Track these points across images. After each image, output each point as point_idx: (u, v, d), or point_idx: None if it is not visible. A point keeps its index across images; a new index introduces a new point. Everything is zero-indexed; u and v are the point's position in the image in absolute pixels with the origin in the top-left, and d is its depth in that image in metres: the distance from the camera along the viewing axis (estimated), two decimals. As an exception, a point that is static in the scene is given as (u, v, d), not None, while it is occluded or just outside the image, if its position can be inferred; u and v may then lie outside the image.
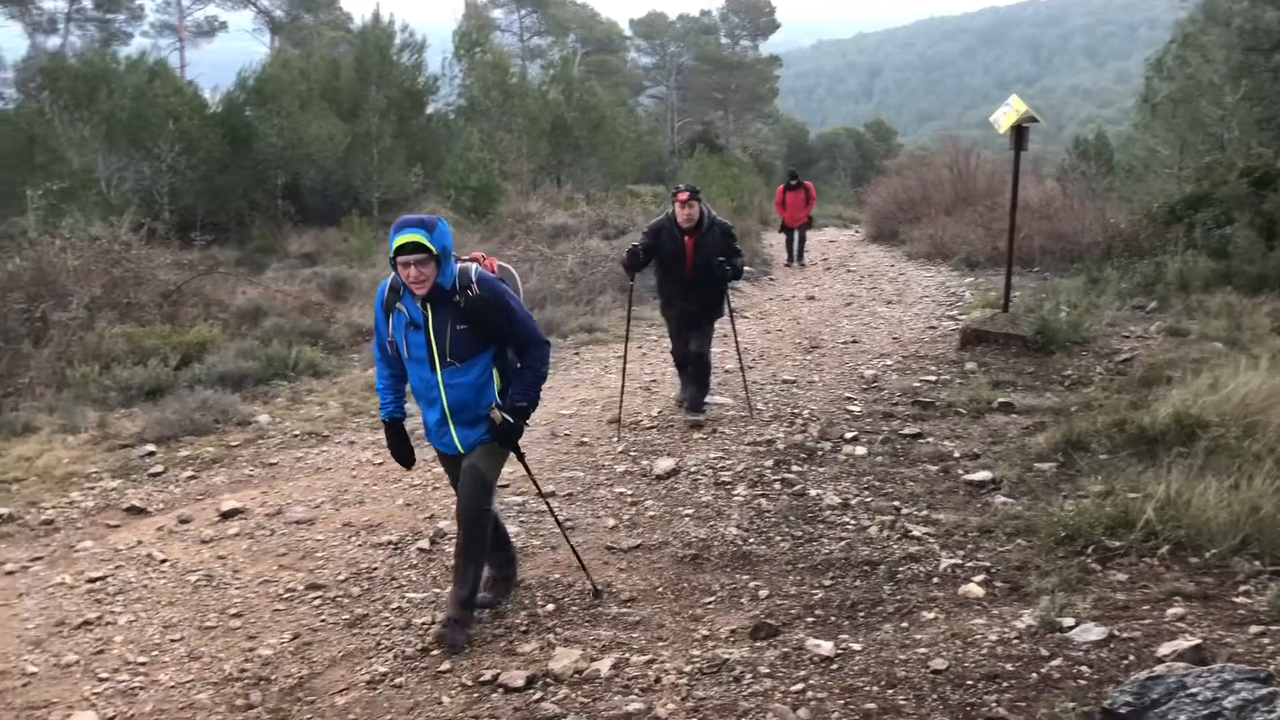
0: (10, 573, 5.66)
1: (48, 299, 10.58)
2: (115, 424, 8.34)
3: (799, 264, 18.95)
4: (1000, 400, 7.97)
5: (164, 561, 5.69)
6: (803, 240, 19.39)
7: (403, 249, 4.19)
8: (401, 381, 4.74)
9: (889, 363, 9.91)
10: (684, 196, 7.69)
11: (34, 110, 21.31)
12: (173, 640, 4.76)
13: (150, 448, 7.75)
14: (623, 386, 8.30)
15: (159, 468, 7.39)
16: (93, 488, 7.02)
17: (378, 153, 23.93)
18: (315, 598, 5.16)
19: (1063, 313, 10.13)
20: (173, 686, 4.33)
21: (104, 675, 4.44)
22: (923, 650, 4.10)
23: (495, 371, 4.58)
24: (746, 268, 17.29)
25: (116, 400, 8.85)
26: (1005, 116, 10.11)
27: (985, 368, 9.21)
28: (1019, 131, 10.04)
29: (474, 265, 4.53)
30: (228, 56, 28.77)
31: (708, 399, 8.39)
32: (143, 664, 4.54)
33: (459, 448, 4.63)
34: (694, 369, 8.11)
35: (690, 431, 7.81)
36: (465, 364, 4.46)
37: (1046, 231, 16.20)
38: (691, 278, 7.79)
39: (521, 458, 4.80)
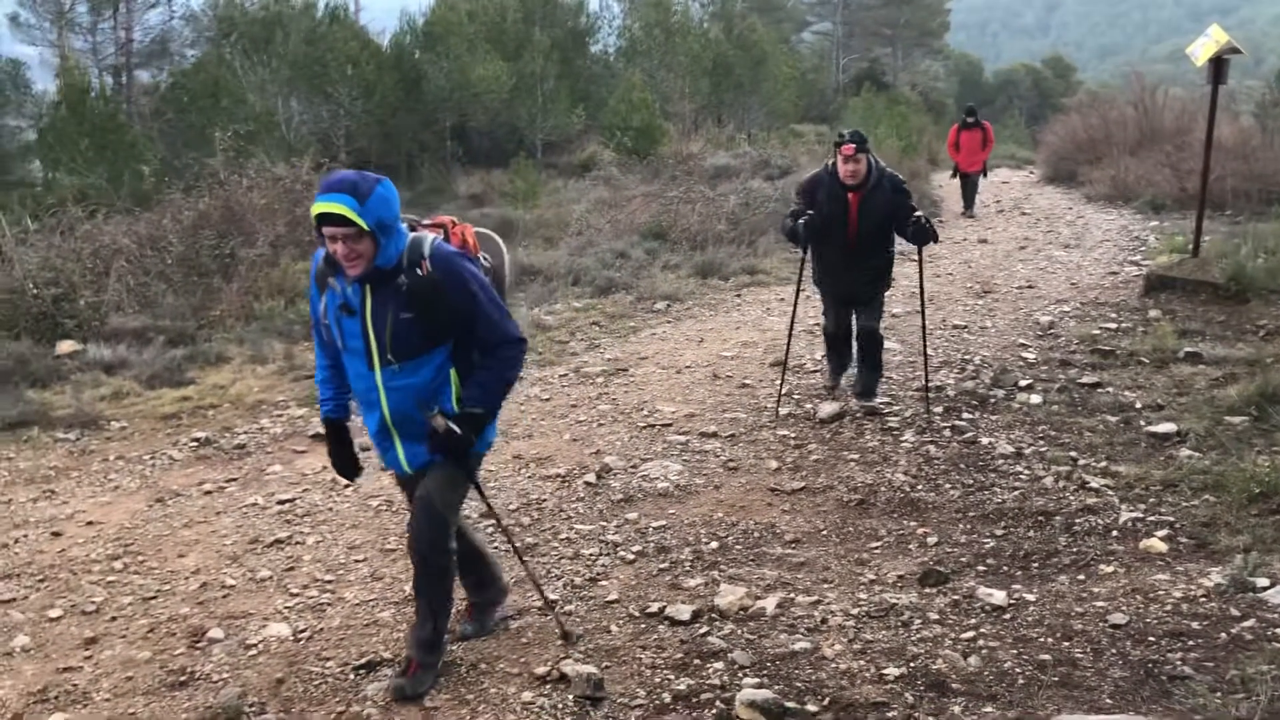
0: (209, 492, 6.05)
1: (236, 236, 11.13)
2: (300, 355, 8.76)
3: (968, 213, 17.18)
4: (1187, 350, 7.56)
5: (347, 486, 5.97)
6: (974, 189, 17.41)
7: (324, 219, 3.28)
8: (342, 374, 3.81)
9: (1066, 309, 9.52)
10: (849, 149, 6.36)
11: (215, 57, 22.34)
12: (356, 561, 5.02)
13: (334, 378, 8.12)
14: (786, 360, 7.46)
15: (341, 398, 7.74)
16: (280, 415, 7.42)
17: (542, 94, 24.18)
18: (488, 526, 5.33)
19: (1259, 259, 9.49)
20: (357, 604, 4.56)
21: (294, 590, 4.72)
22: (1101, 604, 3.97)
23: (453, 374, 3.63)
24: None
25: (300, 333, 9.28)
26: (1205, 48, 9.46)
27: (1171, 315, 8.74)
28: (1218, 64, 9.40)
29: (429, 236, 3.55)
30: (402, 2, 29.44)
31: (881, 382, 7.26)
32: (329, 582, 4.81)
33: (405, 468, 3.79)
34: (862, 346, 6.97)
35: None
36: (411, 363, 3.54)
37: (1241, 172, 15.17)
38: (856, 245, 6.57)
39: (477, 485, 3.84)
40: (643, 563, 4.81)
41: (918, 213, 6.31)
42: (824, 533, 5.07)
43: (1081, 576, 4.30)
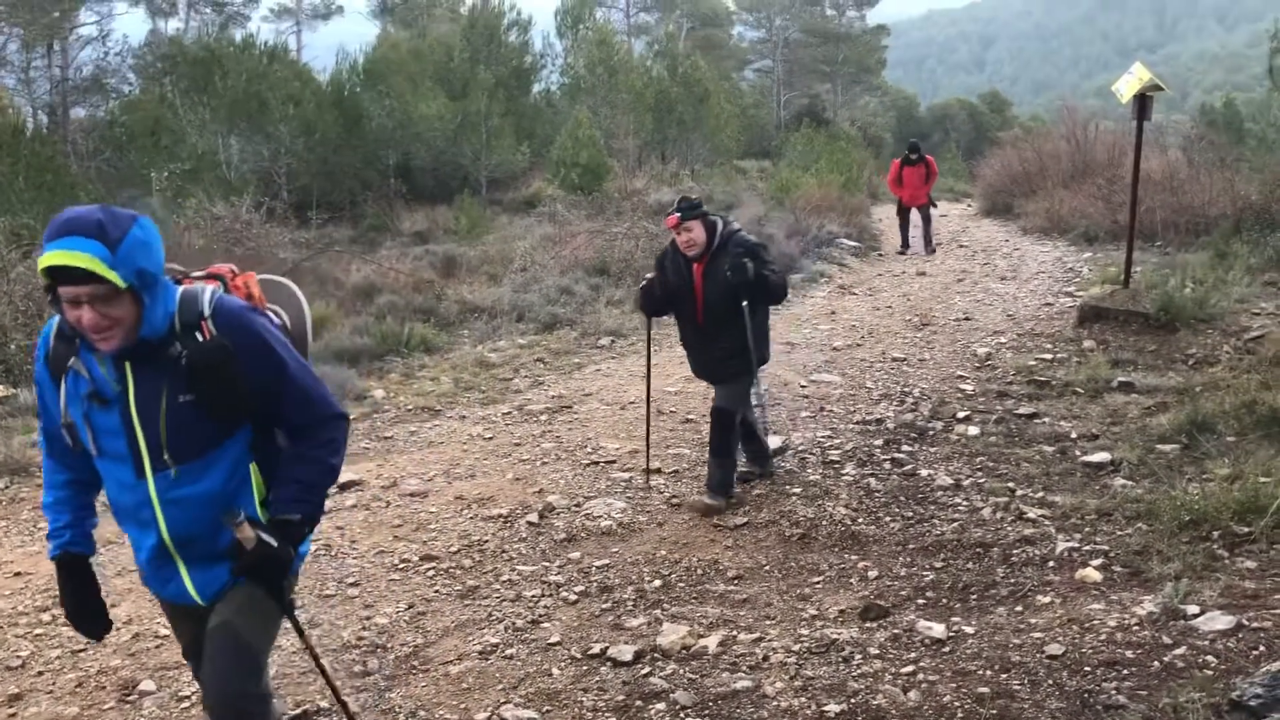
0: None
1: (174, 276, 10.98)
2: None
3: (928, 250, 16.62)
4: (1120, 379, 7.71)
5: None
6: (927, 223, 16.92)
7: (59, 275, 2.38)
8: (85, 490, 2.87)
9: (1003, 340, 9.68)
10: (672, 220, 5.81)
11: (157, 95, 22.13)
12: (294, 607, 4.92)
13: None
14: (648, 431, 6.80)
15: (279, 440, 7.62)
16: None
17: (486, 131, 24.23)
18: (429, 568, 5.28)
19: (1188, 288, 9.73)
20: (294, 652, 4.47)
21: (230, 639, 4.62)
22: (1038, 635, 4.01)
23: (254, 469, 2.76)
24: (852, 242, 17.14)
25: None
26: (1129, 85, 9.73)
27: (1104, 346, 8.92)
28: (1142, 100, 9.67)
29: (207, 289, 2.66)
30: (342, 39, 29.40)
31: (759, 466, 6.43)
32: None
33: (195, 598, 2.82)
34: (711, 428, 6.02)
35: (798, 410, 7.75)
36: (198, 464, 2.64)
37: (1170, 204, 15.55)
38: (705, 320, 5.91)
39: (292, 616, 2.92)
40: (585, 603, 4.78)
41: (745, 260, 5.63)
42: (766, 568, 5.08)
43: (1019, 608, 4.35)
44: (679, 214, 5.77)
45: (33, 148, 17.41)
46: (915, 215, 17.02)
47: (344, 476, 6.63)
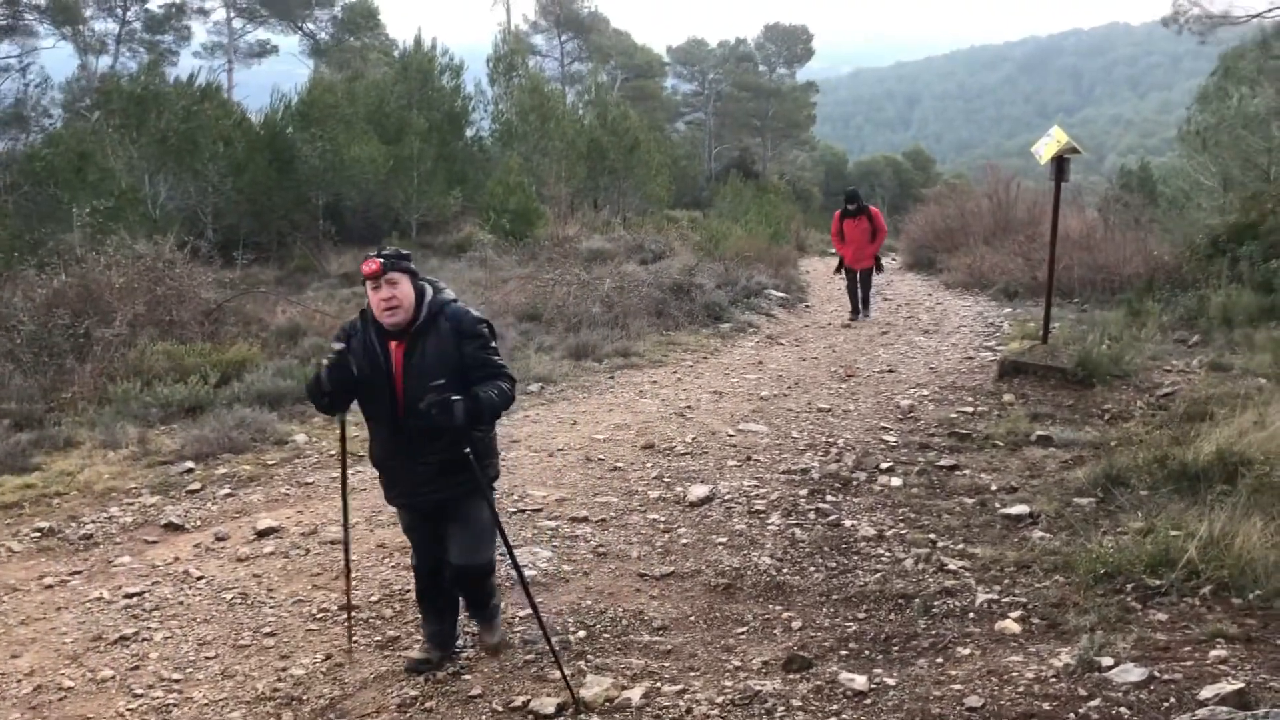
0: (49, 586, 5.73)
1: (92, 315, 10.72)
2: (155, 440, 8.43)
3: (864, 315, 15.12)
4: (1039, 433, 7.88)
5: (200, 579, 5.74)
6: (866, 286, 15.18)
7: None
8: None
9: (925, 393, 9.84)
10: (373, 266, 4.20)
11: (83, 130, 21.71)
12: (207, 658, 4.80)
13: (189, 465, 7.83)
14: (348, 565, 4.93)
15: (197, 485, 7.46)
16: (132, 503, 7.09)
17: (418, 175, 24.14)
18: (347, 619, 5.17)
19: (1103, 345, 10.01)
20: (206, 704, 4.35)
21: (139, 691, 4.48)
22: (958, 687, 4.05)
23: None
24: (780, 293, 17.32)
25: (157, 417, 8.94)
26: (1047, 147, 10.05)
27: (1023, 400, 9.12)
28: (1060, 162, 9.99)
29: None
30: (274, 79, 29.19)
31: None
32: (177, 681, 4.58)
33: None
34: (463, 593, 4.73)
35: (725, 459, 7.78)
36: None
37: (1087, 263, 16.05)
38: (405, 415, 4.30)
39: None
40: (508, 654, 4.72)
41: (448, 396, 4.09)
42: (691, 619, 5.06)
43: (940, 659, 4.39)
44: (381, 260, 4.20)
45: (-54, 180, 16.94)
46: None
47: (262, 523, 6.50)
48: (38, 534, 6.51)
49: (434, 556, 4.56)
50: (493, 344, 4.41)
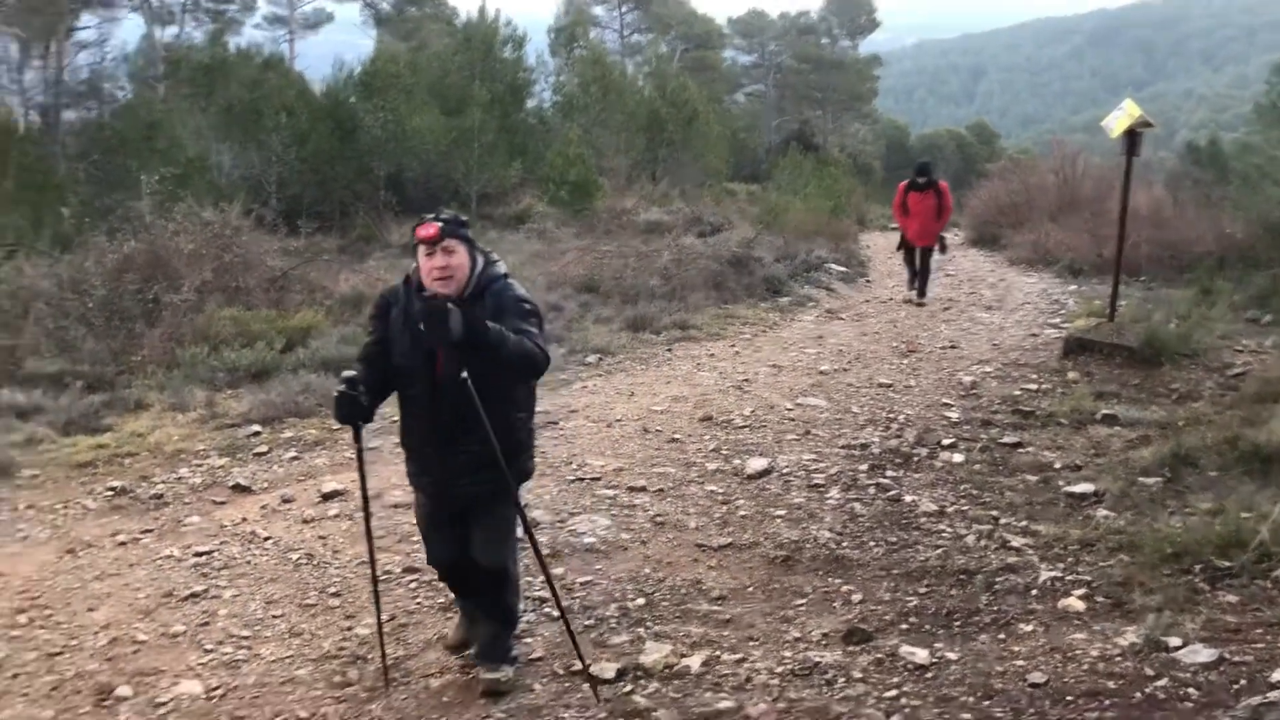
0: (123, 543, 5.88)
1: (161, 281, 10.92)
2: (222, 404, 8.59)
3: (918, 298, 14.17)
4: (1104, 412, 7.76)
5: (267, 539, 5.85)
6: (926, 267, 14.17)
7: None
8: None
9: (988, 369, 9.72)
10: (430, 230, 3.80)
11: (152, 100, 22.11)
12: (274, 616, 4.90)
13: (255, 428, 7.97)
14: (376, 588, 4.32)
15: (263, 448, 7.60)
16: (200, 465, 7.25)
17: (479, 147, 24.21)
18: (411, 580, 5.25)
19: (1172, 324, 9.81)
20: (274, 661, 4.45)
21: (209, 646, 4.59)
22: (1020, 663, 4.02)
23: None
24: (840, 268, 17.17)
25: (224, 381, 9.11)
26: (1118, 121, 9.84)
27: (1088, 378, 8.97)
28: (1132, 136, 9.77)
29: None
30: (334, 49, 29.35)
31: None
32: (245, 638, 4.68)
33: None
34: (482, 604, 4.29)
35: (784, 433, 7.75)
36: None
37: (1156, 240, 15.71)
38: (443, 407, 3.90)
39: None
40: (568, 619, 4.76)
41: (448, 306, 3.66)
42: (750, 589, 5.07)
43: (1002, 635, 4.36)
44: (440, 224, 3.82)
45: (22, 148, 17.34)
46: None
47: (327, 486, 6.61)
48: (111, 492, 6.68)
49: (449, 553, 4.18)
50: (533, 319, 3.90)
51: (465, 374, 3.73)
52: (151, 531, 6.05)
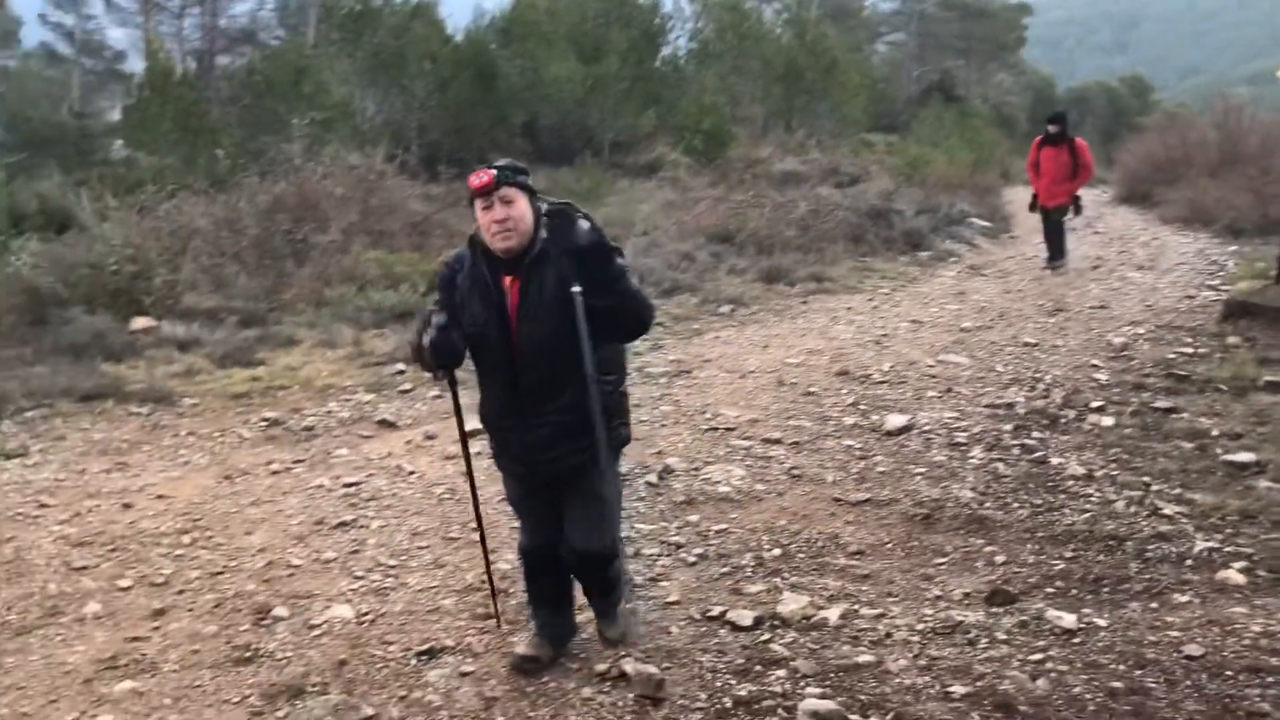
0: (276, 472, 6.14)
1: (309, 222, 11.30)
2: (368, 342, 8.86)
3: (1054, 265, 13.06)
4: (1267, 378, 7.35)
5: (412, 473, 6.04)
6: (1060, 231, 13.04)
7: None
8: None
9: (1140, 331, 9.32)
10: (485, 179, 3.41)
11: (302, 44, 22.71)
12: (420, 547, 5.06)
13: (400, 367, 8.20)
14: (486, 555, 4.23)
15: (407, 386, 7.81)
16: (348, 399, 7.50)
17: (614, 95, 24.18)
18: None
19: (1345, 289, 9.23)
20: (420, 590, 4.60)
21: (359, 573, 4.77)
22: (1175, 634, 3.88)
23: None
24: (983, 223, 16.64)
25: (369, 320, 9.39)
26: (1295, 70, 9.23)
27: (1250, 343, 8.51)
28: (1310, 87, 9.15)
29: None
30: (475, -1, 29.61)
31: None
32: (393, 567, 4.85)
33: None
34: (581, 578, 4.00)
35: (924, 390, 7.59)
36: None
37: (1328, 199, 14.78)
38: (523, 371, 3.56)
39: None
40: (703, 566, 4.79)
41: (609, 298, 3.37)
42: (888, 546, 5.00)
43: (1154, 604, 4.20)
44: (495, 172, 3.43)
45: (180, 92, 18.05)
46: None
47: (469, 424, 6.74)
48: (265, 423, 6.98)
49: (546, 535, 3.82)
50: (621, 261, 3.41)
51: (577, 288, 3.36)
52: (303, 462, 6.30)
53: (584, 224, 3.38)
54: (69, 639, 4.20)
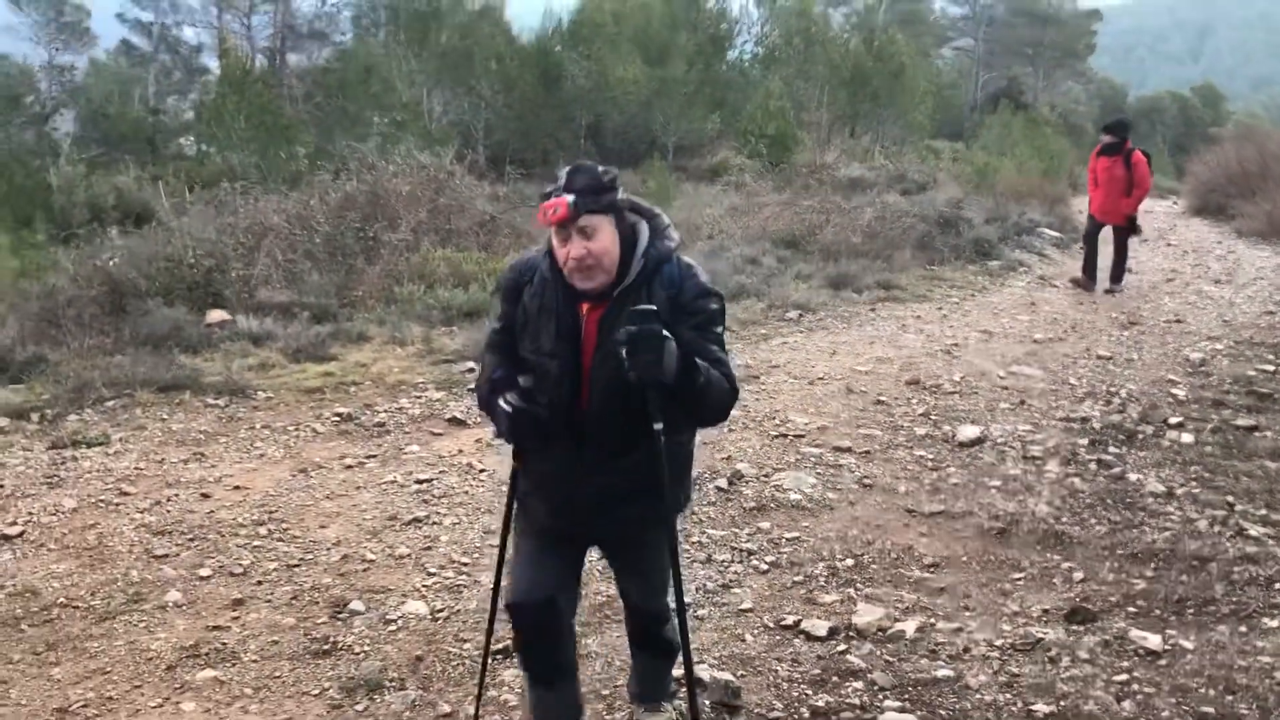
0: (349, 466, 6.21)
1: (379, 220, 11.42)
2: (437, 340, 8.93)
3: (1111, 286, 12.09)
4: (1354, 399, 7.18)
5: (482, 471, 6.07)
6: (1121, 252, 12.12)
7: None
8: None
9: (1218, 347, 9.12)
10: (561, 211, 2.71)
11: (372, 44, 23.04)
12: (492, 546, 4.90)
13: (469, 365, 8.24)
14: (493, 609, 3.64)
15: (476, 385, 7.85)
16: (419, 396, 7.57)
17: (680, 98, 24.21)
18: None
19: None
20: (492, 589, 4.61)
21: (432, 570, 4.80)
22: (1267, 659, 3.79)
23: None
24: (1053, 233, 16.35)
25: (438, 318, 9.46)
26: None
27: (1335, 362, 8.31)
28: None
29: None
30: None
31: None
32: (465, 564, 4.88)
33: None
34: (638, 634, 3.42)
35: (996, 401, 7.49)
36: None
37: None
38: (592, 419, 2.86)
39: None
40: (776, 574, 4.76)
41: (654, 327, 2.58)
42: (963, 559, 4.94)
43: (1243, 628, 4.11)
44: (572, 201, 2.72)
45: (255, 89, 18.38)
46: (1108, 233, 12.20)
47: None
48: (337, 418, 7.05)
49: (547, 589, 3.05)
50: (719, 328, 2.90)
51: (659, 425, 2.76)
52: (375, 457, 6.37)
53: (702, 275, 2.90)
54: (151, 625, 4.28)
